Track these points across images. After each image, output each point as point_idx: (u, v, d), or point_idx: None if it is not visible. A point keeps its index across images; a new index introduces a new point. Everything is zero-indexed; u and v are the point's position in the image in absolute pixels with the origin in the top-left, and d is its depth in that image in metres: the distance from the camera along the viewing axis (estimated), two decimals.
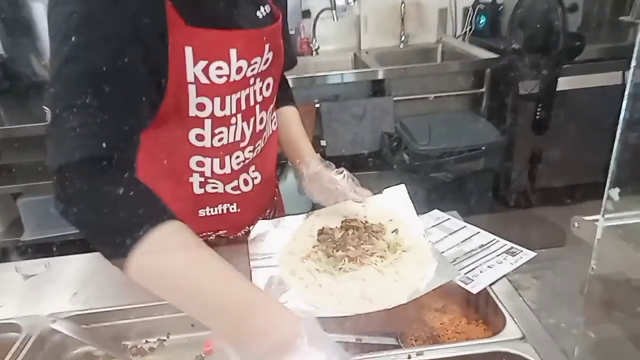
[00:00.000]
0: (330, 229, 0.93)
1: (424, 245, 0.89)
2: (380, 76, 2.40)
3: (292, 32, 2.78)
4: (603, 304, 0.60)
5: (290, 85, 1.17)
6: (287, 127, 1.09)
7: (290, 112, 1.11)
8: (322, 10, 2.73)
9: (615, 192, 0.53)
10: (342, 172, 1.00)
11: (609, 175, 0.51)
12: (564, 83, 2.21)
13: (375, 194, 1.01)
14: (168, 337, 0.83)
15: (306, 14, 2.79)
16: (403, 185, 1.02)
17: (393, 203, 0.99)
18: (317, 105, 2.34)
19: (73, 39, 0.64)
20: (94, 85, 0.64)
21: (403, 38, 2.86)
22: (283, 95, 1.08)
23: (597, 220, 0.72)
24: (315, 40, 2.80)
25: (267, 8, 0.89)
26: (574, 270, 0.87)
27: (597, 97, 2.44)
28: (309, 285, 0.82)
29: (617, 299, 0.60)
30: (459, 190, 2.27)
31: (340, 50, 2.90)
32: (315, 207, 1.04)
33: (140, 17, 0.68)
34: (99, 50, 0.65)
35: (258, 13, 0.87)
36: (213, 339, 0.67)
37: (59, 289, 0.90)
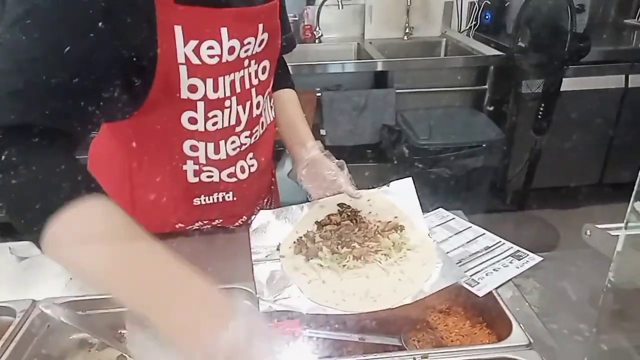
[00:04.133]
0: (332, 217, 0.92)
1: (429, 245, 0.88)
2: (383, 67, 2.38)
3: (295, 19, 2.73)
4: (616, 314, 0.59)
5: (291, 73, 1.14)
6: (285, 110, 1.05)
7: (288, 94, 1.08)
8: None
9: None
10: (342, 164, 0.98)
11: (636, 185, 0.49)
12: (567, 84, 2.20)
13: (381, 185, 0.99)
14: None
15: (310, 0, 2.75)
16: (410, 179, 1.00)
17: (399, 198, 0.97)
18: (319, 94, 2.31)
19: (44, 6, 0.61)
20: (49, 55, 0.60)
21: (407, 30, 2.83)
22: (281, 78, 1.05)
23: (609, 229, 0.71)
24: (319, 28, 2.76)
25: None
26: (577, 275, 0.87)
27: (599, 100, 2.44)
28: (312, 281, 0.81)
29: (631, 310, 0.59)
30: (456, 186, 2.27)
31: (343, 39, 2.86)
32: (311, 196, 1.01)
33: None
34: (67, 21, 0.62)
35: None
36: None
37: (54, 273, 0.88)
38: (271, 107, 1.00)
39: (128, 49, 0.68)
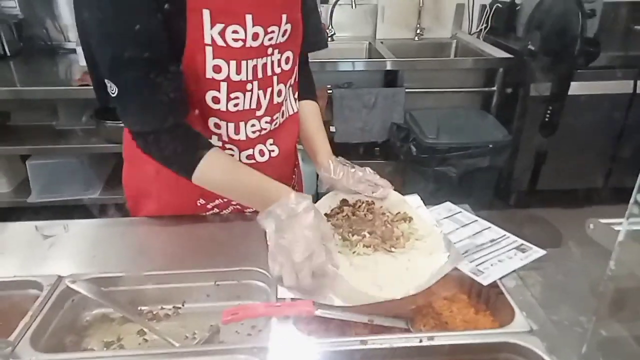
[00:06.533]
0: (344, 207, 0.96)
1: (436, 235, 0.92)
2: (393, 67, 2.41)
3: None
4: (615, 304, 0.62)
5: None
6: (305, 122, 1.08)
7: (308, 106, 1.10)
8: None
9: None
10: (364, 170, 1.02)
11: (639, 178, 0.52)
12: (575, 88, 2.22)
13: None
14: (183, 305, 0.85)
15: None
16: (417, 196, 1.04)
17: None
18: (330, 91, 2.35)
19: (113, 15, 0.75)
20: (155, 59, 0.78)
21: (418, 31, 2.86)
22: (305, 89, 1.09)
23: (612, 224, 0.74)
24: (332, 27, 2.79)
25: None
26: (579, 271, 0.89)
27: (607, 105, 2.46)
28: None
29: (630, 300, 0.62)
30: (462, 185, 2.29)
31: (355, 38, 2.89)
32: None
33: None
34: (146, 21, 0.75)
35: None
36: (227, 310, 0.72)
37: (77, 251, 0.92)
38: (295, 98, 1.05)
39: (161, 29, 0.77)
